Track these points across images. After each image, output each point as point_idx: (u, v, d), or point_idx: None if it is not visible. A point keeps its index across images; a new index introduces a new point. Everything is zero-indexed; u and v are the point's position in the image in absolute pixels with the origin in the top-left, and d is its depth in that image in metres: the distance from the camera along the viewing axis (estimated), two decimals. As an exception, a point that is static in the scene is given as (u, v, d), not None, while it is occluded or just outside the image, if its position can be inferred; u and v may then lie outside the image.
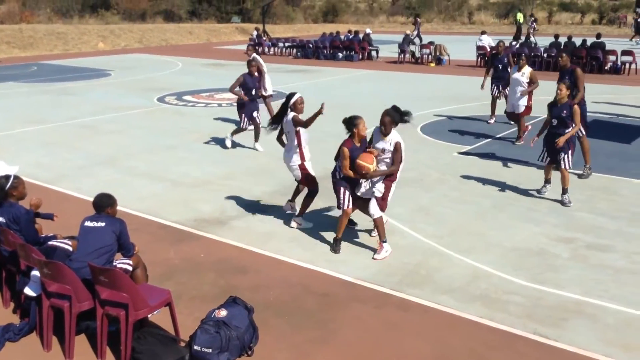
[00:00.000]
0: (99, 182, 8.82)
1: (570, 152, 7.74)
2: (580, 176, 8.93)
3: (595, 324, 4.94)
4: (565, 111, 7.67)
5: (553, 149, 7.77)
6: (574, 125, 7.73)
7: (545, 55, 22.31)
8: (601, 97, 16.14)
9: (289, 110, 7.33)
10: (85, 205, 7.44)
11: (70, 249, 5.16)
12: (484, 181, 8.83)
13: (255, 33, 32.03)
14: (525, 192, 8.28)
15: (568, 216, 7.35)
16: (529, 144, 8.63)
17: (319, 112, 6.91)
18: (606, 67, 21.14)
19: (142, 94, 17.48)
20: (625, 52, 21.27)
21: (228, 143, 11.08)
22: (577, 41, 22.60)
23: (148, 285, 5.05)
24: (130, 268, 5.02)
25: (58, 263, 4.57)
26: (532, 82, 11.04)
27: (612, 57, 21.27)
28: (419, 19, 34.41)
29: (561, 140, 7.59)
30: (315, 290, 5.62)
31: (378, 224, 6.31)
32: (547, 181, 8.12)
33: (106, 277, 4.47)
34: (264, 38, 32.59)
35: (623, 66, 21.06)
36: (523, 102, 11.02)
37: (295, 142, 7.27)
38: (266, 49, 30.95)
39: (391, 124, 6.30)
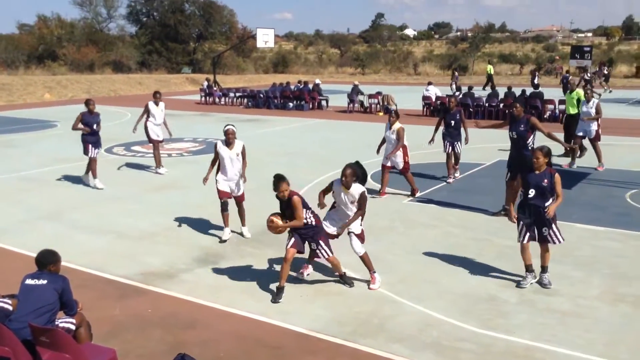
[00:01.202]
0: (43, 237, 8.52)
1: (554, 224, 6.73)
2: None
3: (545, 369, 5.01)
4: (545, 180, 6.67)
5: (536, 223, 6.72)
6: (554, 196, 6.74)
7: (487, 104, 23.21)
8: (541, 144, 16.80)
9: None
10: (27, 261, 7.14)
11: (10, 308, 4.92)
12: (433, 227, 8.98)
13: (205, 83, 32.20)
14: (473, 238, 8.46)
15: (515, 261, 7.50)
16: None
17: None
18: (545, 116, 22.12)
19: (89, 145, 17.13)
20: (562, 101, 22.33)
21: (99, 185, 11.71)
22: (517, 91, 23.64)
23: (92, 344, 4.86)
24: (73, 327, 4.82)
25: (-5, 324, 4.35)
26: (398, 138, 10.85)
27: (550, 106, 22.32)
28: (456, 73, 36.35)
29: (551, 210, 6.60)
30: (267, 343, 5.52)
31: (365, 258, 6.79)
32: (529, 269, 6.80)
33: (48, 338, 4.28)
34: (215, 88, 32.78)
35: (561, 115, 22.08)
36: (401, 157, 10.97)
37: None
38: (217, 99, 31.10)
39: (352, 176, 6.65)
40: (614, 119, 22.48)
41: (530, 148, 9.25)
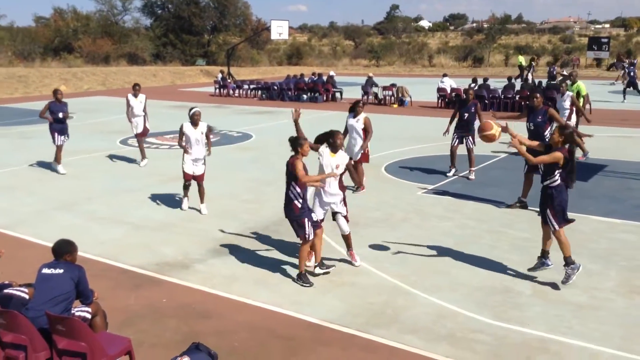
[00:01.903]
0: (58, 227, 8.61)
1: (553, 209, 6.48)
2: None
3: (560, 361, 4.98)
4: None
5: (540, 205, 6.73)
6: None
7: (502, 96, 23.00)
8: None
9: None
10: (44, 251, 7.23)
11: (27, 297, 4.99)
12: (448, 219, 8.94)
13: (220, 75, 32.24)
14: (488, 230, 8.40)
15: (529, 253, 7.46)
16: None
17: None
18: (561, 108, 21.86)
19: (104, 137, 17.29)
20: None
21: (61, 170, 12.38)
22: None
23: (107, 333, 4.90)
24: (89, 316, 4.87)
25: (13, 312, 4.41)
26: (366, 131, 10.37)
27: (566, 98, 22.03)
28: (533, 63, 35.57)
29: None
30: (281, 334, 5.53)
31: (349, 236, 7.07)
32: (545, 254, 6.75)
33: (64, 326, 4.32)
34: (229, 80, 32.81)
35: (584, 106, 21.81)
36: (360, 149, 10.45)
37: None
38: (231, 91, 31.14)
39: (341, 141, 7.14)
40: (632, 111, 22.19)
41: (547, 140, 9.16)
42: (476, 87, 23.92)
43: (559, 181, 6.42)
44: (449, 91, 24.21)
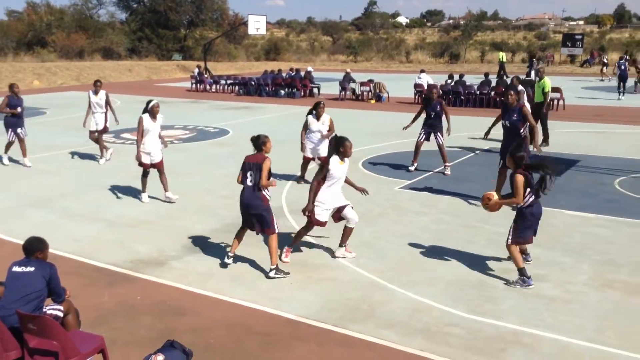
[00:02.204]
0: (31, 224, 8.46)
1: (517, 226, 6.55)
2: None
3: (532, 354, 5.04)
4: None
5: None
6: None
7: (478, 92, 23.20)
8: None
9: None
10: (15, 248, 7.10)
11: (-4, 295, 4.88)
12: (424, 215, 9.00)
13: (196, 70, 31.97)
14: (463, 225, 8.48)
15: (503, 248, 7.52)
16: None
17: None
18: (536, 103, 22.14)
19: (78, 133, 17.00)
20: (553, 90, 22.32)
21: (5, 161, 12.68)
22: (508, 79, 23.64)
23: (80, 331, 4.83)
24: (61, 314, 4.79)
25: (-18, 311, 4.32)
26: (330, 129, 10.52)
27: (541, 94, 22.31)
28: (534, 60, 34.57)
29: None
30: (258, 330, 5.51)
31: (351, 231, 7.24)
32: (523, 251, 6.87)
33: (35, 325, 4.25)
34: (206, 75, 32.56)
35: (552, 102, 22.11)
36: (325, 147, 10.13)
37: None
38: (208, 86, 30.91)
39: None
40: (606, 107, 22.58)
41: (523, 137, 9.29)
42: (452, 83, 24.11)
43: (530, 200, 6.45)
44: (425, 87, 24.35)
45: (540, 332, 5.39)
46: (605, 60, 38.49)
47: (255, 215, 6.72)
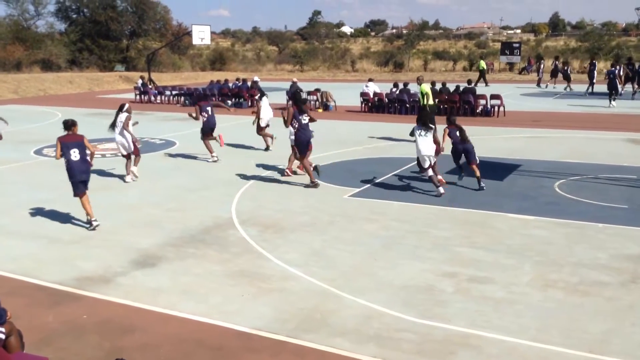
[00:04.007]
0: (-33, 244, 8.10)
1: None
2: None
3: (480, 355, 5.18)
4: None
5: None
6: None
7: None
8: (474, 138, 17.32)
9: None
10: (-51, 270, 6.80)
11: None
12: (373, 222, 9.10)
13: (140, 81, 31.40)
14: (411, 231, 8.63)
15: (450, 251, 7.73)
16: None
17: None
18: (477, 110, 22.80)
19: (17, 147, 16.43)
20: (494, 96, 23.10)
21: None
22: (451, 87, 24.28)
23: (24, 354, 4.65)
24: (2, 336, 4.60)
25: None
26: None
27: (482, 101, 23.01)
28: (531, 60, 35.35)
29: None
30: (209, 344, 5.45)
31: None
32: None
33: (-27, 350, 4.07)
34: (150, 86, 32.02)
35: (492, 109, 22.82)
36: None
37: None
38: (152, 98, 30.39)
39: None
40: (543, 113, 23.44)
41: None
42: (397, 92, 24.53)
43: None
44: (372, 95, 24.71)
45: (488, 333, 5.54)
46: (532, 68, 40.18)
47: (85, 181, 8.95)
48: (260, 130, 15.39)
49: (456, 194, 10.66)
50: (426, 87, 17.09)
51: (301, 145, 11.31)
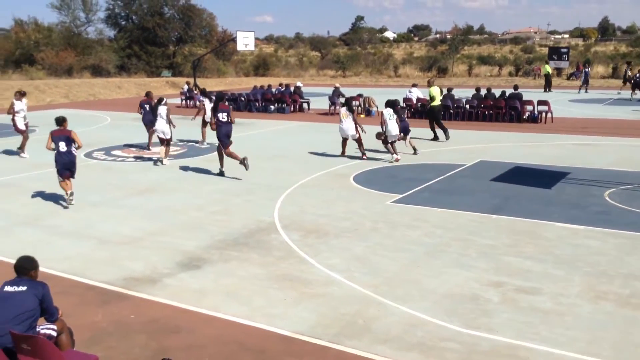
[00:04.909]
0: (21, 243, 8.40)
1: None
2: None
3: (528, 366, 5.06)
4: None
5: None
6: None
7: (467, 106, 23.39)
8: (521, 144, 17.02)
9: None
10: (5, 268, 7.04)
11: (-11, 316, 4.83)
12: (416, 228, 9.02)
13: (186, 87, 32.00)
14: (455, 239, 8.50)
15: (496, 260, 7.59)
16: None
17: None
18: (524, 117, 22.37)
19: (68, 150, 16.94)
20: (541, 102, 22.62)
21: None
22: (497, 92, 23.90)
23: (74, 351, 4.79)
24: (54, 334, 4.75)
25: (-26, 333, 4.27)
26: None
27: (529, 107, 22.56)
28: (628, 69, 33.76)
29: None
30: (252, 347, 5.49)
31: None
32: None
33: (29, 345, 4.21)
34: (195, 92, 32.58)
35: (540, 115, 22.34)
36: None
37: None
38: (197, 103, 30.89)
39: None
40: (591, 119, 22.83)
41: None
42: (441, 97, 24.27)
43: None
44: (414, 101, 24.52)
45: (536, 345, 5.41)
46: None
47: (72, 169, 10.36)
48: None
49: (501, 202, 10.47)
50: (434, 90, 18.15)
51: (222, 137, 12.88)
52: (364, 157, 14.90)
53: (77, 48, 48.16)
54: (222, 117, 12.80)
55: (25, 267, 4.75)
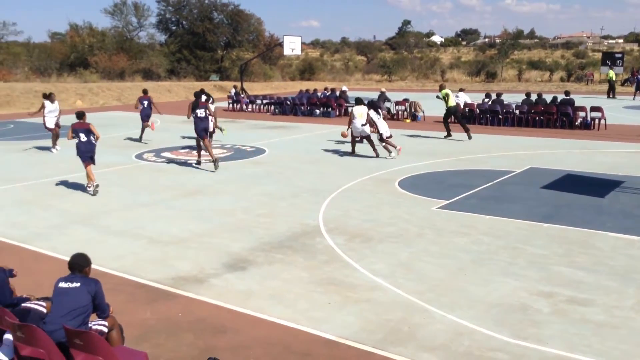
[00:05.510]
0: (74, 241, 8.66)
1: None
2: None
3: (580, 380, 4.90)
4: None
5: None
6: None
7: (517, 112, 22.92)
8: (573, 152, 16.57)
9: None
10: (59, 265, 7.29)
11: (45, 310, 5.01)
12: (463, 235, 8.88)
13: (233, 90, 32.47)
14: (503, 247, 8.33)
15: (547, 270, 7.39)
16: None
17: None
18: (576, 123, 21.76)
19: (120, 151, 17.44)
20: (594, 109, 21.97)
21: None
22: (547, 98, 23.34)
23: (124, 347, 4.90)
24: (105, 330, 4.88)
25: (32, 326, 4.42)
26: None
27: (582, 113, 21.94)
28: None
29: None
30: (297, 349, 5.50)
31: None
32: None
33: (81, 340, 4.33)
34: (242, 95, 33.03)
35: (593, 122, 21.71)
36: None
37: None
38: (244, 106, 31.32)
39: None
40: (647, 126, 22.02)
41: None
42: (489, 102, 23.89)
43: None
44: (462, 106, 24.18)
45: (587, 358, 5.23)
46: None
47: (91, 156, 11.80)
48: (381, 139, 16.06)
49: (552, 211, 10.21)
50: (448, 92, 19.77)
51: (200, 131, 14.33)
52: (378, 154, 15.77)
53: (129, 52, 49.55)
54: (200, 113, 14.28)
55: (79, 264, 4.89)
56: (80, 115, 12.14)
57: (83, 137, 11.74)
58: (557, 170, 13.64)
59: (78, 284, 4.74)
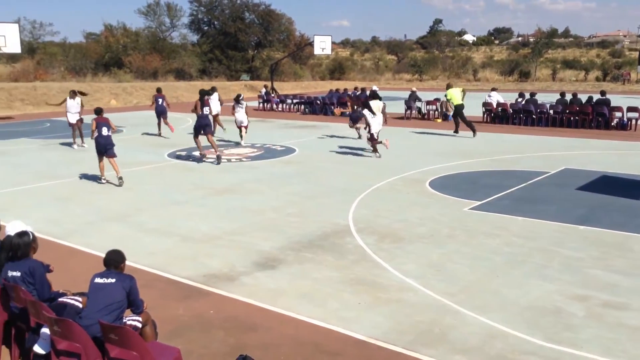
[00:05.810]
0: (109, 238, 8.83)
1: None
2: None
3: (616, 386, 4.80)
4: None
5: None
6: None
7: (551, 111, 22.54)
8: (609, 152, 16.21)
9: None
10: (94, 260, 7.43)
11: (80, 305, 5.10)
12: (495, 237, 8.77)
13: (263, 90, 32.66)
14: (537, 249, 8.20)
15: (582, 273, 7.25)
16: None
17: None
18: (612, 123, 21.30)
19: (153, 150, 17.70)
20: (631, 109, 21.48)
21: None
22: (583, 98, 22.88)
23: (158, 343, 4.97)
24: (139, 325, 4.95)
25: (68, 321, 4.52)
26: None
27: (618, 114, 21.46)
28: None
29: None
30: (327, 349, 5.50)
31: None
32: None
33: (116, 335, 4.40)
34: (273, 95, 33.19)
35: (629, 122, 21.22)
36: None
37: None
38: (275, 106, 31.47)
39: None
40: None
41: None
42: (523, 102, 23.54)
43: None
44: (495, 105, 23.89)
45: (624, 363, 5.12)
46: None
47: (111, 148, 12.55)
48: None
49: (588, 213, 10.01)
50: (451, 93, 20.04)
51: (197, 128, 15.24)
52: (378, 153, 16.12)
53: (162, 52, 50.23)
54: (206, 110, 15.31)
55: (114, 260, 4.98)
56: (99, 111, 12.98)
57: (105, 131, 12.53)
58: (593, 172, 13.36)
59: (113, 280, 4.83)
